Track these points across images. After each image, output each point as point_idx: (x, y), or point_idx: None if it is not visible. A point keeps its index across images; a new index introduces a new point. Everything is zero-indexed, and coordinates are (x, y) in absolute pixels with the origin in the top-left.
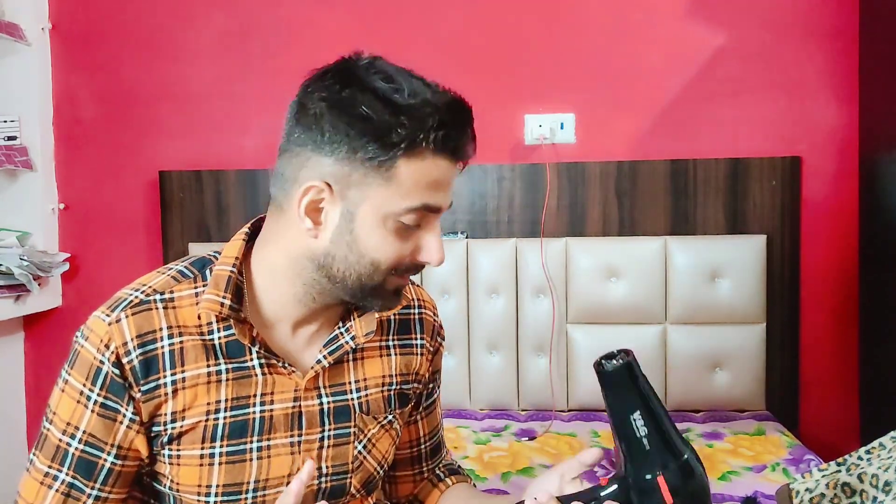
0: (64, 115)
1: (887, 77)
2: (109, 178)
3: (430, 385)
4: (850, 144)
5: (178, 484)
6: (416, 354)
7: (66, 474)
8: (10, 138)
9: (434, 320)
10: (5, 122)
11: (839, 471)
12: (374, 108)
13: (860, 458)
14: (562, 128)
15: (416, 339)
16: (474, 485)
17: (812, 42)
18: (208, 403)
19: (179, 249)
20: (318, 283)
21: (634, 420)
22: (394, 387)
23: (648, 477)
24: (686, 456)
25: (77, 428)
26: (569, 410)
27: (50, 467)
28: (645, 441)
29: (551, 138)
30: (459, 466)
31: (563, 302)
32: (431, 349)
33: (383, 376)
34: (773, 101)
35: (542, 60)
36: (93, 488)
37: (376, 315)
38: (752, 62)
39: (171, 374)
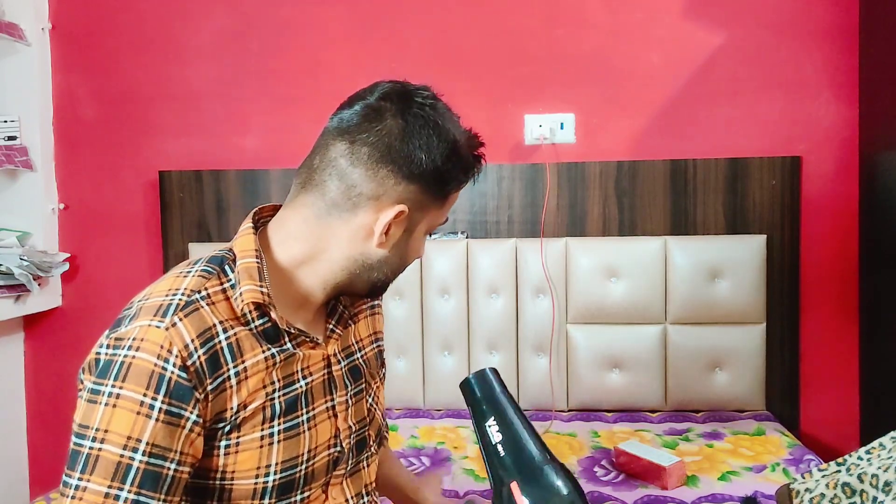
0: (64, 115)
1: (887, 76)
2: (109, 178)
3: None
4: (850, 144)
5: (233, 472)
6: (378, 314)
7: (129, 491)
8: (10, 138)
9: None
10: (5, 122)
11: (839, 471)
12: (452, 155)
13: (860, 458)
14: (562, 128)
15: (374, 300)
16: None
17: (812, 41)
18: (265, 387)
19: (179, 249)
20: (352, 280)
21: (489, 427)
22: (376, 344)
23: (503, 484)
24: (544, 468)
25: (139, 440)
26: (569, 410)
27: (110, 487)
28: (500, 448)
29: (551, 138)
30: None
31: (562, 302)
32: (379, 309)
33: (369, 335)
34: (773, 101)
35: (542, 60)
36: (158, 500)
37: None
38: (752, 62)
39: (234, 366)
